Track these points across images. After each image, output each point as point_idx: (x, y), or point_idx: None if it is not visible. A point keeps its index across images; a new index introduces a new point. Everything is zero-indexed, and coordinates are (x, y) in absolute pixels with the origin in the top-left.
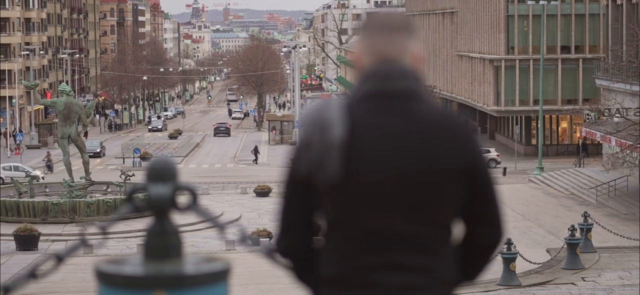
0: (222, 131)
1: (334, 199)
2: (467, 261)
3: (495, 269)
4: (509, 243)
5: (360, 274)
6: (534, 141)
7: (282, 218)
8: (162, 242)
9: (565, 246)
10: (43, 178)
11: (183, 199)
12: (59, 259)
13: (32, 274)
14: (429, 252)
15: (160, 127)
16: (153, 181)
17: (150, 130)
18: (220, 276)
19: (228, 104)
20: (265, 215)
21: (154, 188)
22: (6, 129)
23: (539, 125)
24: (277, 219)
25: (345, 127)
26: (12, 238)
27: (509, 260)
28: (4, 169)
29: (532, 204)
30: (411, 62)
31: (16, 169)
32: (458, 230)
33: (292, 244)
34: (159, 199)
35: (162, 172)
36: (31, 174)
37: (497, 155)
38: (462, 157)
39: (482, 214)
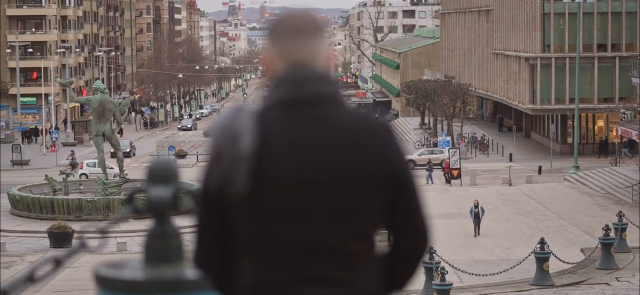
0: None
1: (247, 212)
2: (393, 272)
3: (528, 268)
4: (542, 242)
5: (277, 287)
6: (569, 140)
7: (197, 232)
8: (163, 246)
9: (600, 246)
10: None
11: (185, 201)
12: (58, 262)
13: (30, 278)
14: (350, 264)
15: (189, 126)
16: (153, 183)
17: (180, 129)
18: None
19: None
20: None
21: (154, 190)
22: (43, 126)
23: (574, 124)
24: (193, 233)
25: (255, 136)
26: (46, 235)
27: (542, 260)
28: (87, 165)
29: (567, 203)
30: (324, 65)
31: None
32: (382, 239)
33: (208, 259)
34: (158, 201)
35: (163, 174)
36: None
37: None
38: (381, 163)
39: (405, 222)
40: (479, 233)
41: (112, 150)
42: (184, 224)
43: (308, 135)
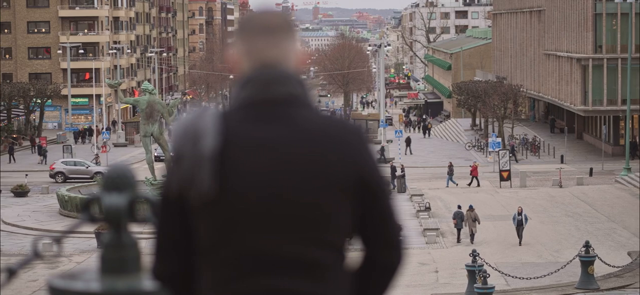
0: None
1: (207, 218)
2: (367, 284)
3: (576, 271)
4: (587, 246)
5: None
6: (621, 141)
7: (155, 240)
8: (118, 256)
9: None
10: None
11: (142, 210)
12: (11, 272)
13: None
14: (317, 276)
15: None
16: (108, 190)
17: None
18: None
19: (319, 102)
20: None
21: (108, 198)
22: (96, 126)
23: (626, 125)
24: (151, 241)
25: (217, 138)
26: (94, 236)
27: (587, 264)
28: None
29: (617, 205)
30: (293, 65)
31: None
32: (355, 250)
33: (167, 269)
34: (113, 209)
35: (118, 181)
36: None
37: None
38: (350, 169)
39: (377, 232)
40: (521, 242)
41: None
42: (142, 233)
43: (273, 138)
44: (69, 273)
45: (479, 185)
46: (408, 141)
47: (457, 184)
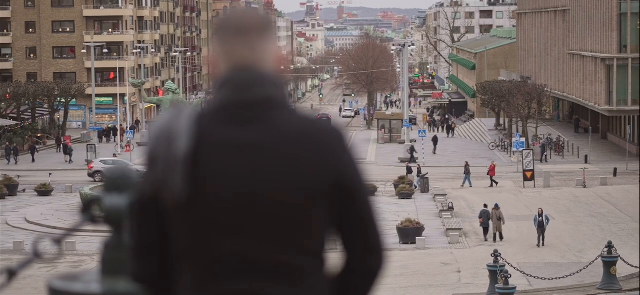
0: None
1: (182, 221)
2: (347, 290)
3: (599, 272)
4: (610, 246)
5: None
6: None
7: (132, 242)
8: (119, 257)
9: None
10: None
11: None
12: (11, 273)
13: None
14: (294, 281)
15: None
16: (109, 191)
17: None
18: None
19: (343, 102)
20: None
21: (109, 199)
22: (120, 126)
23: None
24: (129, 243)
25: (191, 140)
26: None
27: (610, 264)
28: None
29: None
30: (271, 67)
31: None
32: (335, 255)
33: (145, 271)
34: (114, 210)
35: (119, 182)
36: None
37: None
38: (328, 171)
39: (357, 236)
40: (543, 243)
41: None
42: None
43: (249, 140)
44: (69, 274)
45: (496, 185)
46: (435, 140)
47: (471, 185)
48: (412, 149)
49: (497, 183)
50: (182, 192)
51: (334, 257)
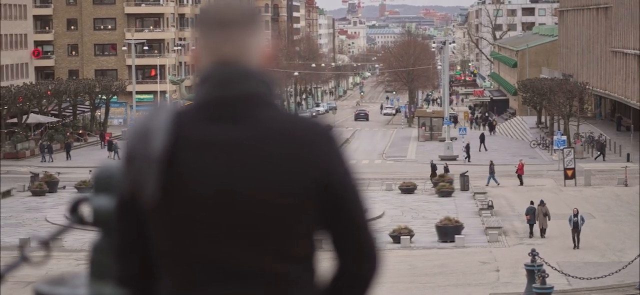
0: (361, 117)
1: (160, 223)
2: None
3: (636, 271)
4: None
5: None
6: None
7: (113, 243)
8: (107, 260)
9: None
10: None
11: None
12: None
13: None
14: (278, 288)
15: None
16: (97, 192)
17: None
18: None
19: (386, 99)
20: (408, 212)
21: (97, 200)
22: None
23: None
24: (111, 245)
25: (168, 138)
26: None
27: None
28: None
29: None
30: (257, 61)
31: None
32: (324, 260)
33: (126, 271)
34: (102, 212)
35: (108, 182)
36: None
37: None
38: (315, 170)
39: (348, 240)
40: (578, 245)
41: None
42: None
43: (230, 138)
44: (56, 278)
45: (522, 184)
46: (482, 138)
47: (498, 183)
48: (467, 148)
49: (522, 182)
50: (156, 192)
51: (325, 264)
